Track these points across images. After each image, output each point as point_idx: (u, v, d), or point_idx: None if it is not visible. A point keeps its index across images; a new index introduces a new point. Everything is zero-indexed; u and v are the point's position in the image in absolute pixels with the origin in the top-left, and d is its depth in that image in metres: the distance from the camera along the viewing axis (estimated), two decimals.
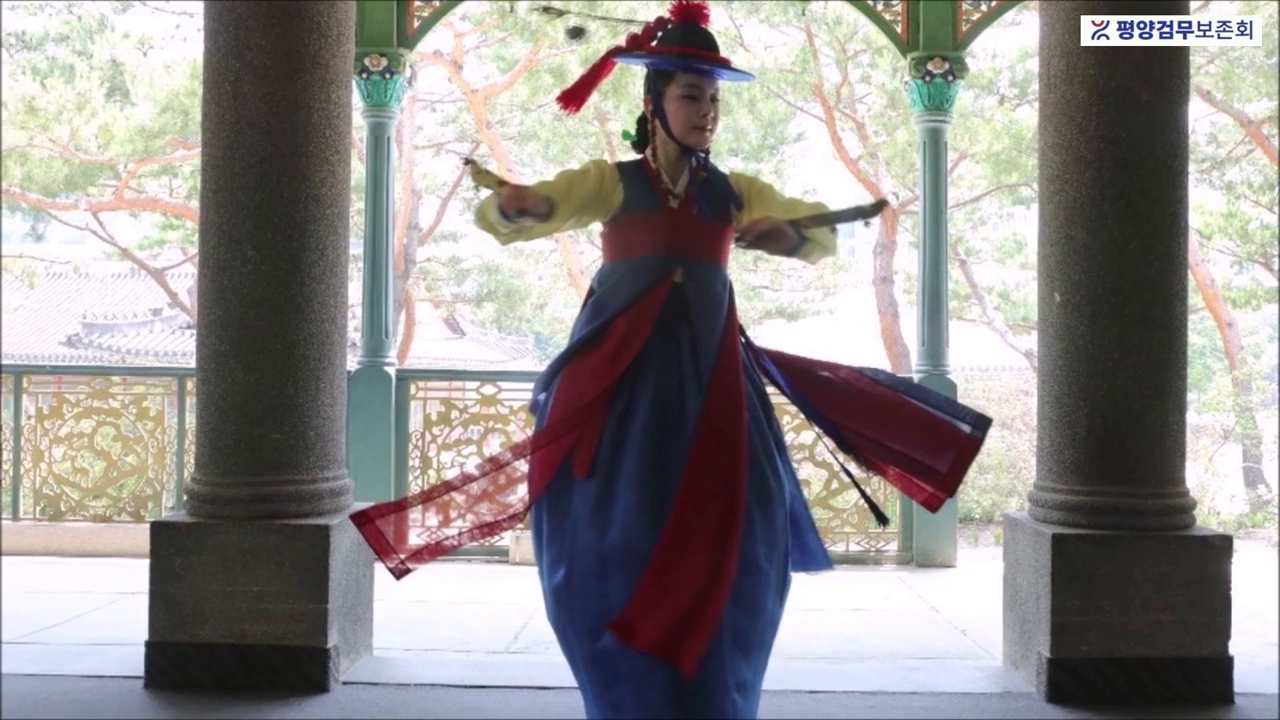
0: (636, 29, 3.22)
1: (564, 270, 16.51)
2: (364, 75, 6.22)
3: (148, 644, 3.69)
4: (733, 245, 3.15)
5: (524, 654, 4.35)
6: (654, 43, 3.13)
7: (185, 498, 3.85)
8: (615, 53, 3.20)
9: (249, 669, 3.64)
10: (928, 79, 6.10)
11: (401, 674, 3.89)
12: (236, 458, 3.72)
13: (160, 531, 3.71)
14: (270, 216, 3.71)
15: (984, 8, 6.20)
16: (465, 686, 3.76)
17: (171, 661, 3.66)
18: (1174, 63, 3.78)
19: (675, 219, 3.05)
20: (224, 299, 3.73)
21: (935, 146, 6.27)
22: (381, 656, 4.08)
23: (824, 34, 12.87)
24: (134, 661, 3.73)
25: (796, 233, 3.03)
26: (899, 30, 6.23)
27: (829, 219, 3.08)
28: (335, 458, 3.88)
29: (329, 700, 3.58)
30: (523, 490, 3.09)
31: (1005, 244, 16.77)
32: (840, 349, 17.35)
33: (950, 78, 6.13)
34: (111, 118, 12.90)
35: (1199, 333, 24.60)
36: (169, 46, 14.97)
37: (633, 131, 3.19)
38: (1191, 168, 14.96)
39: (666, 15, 3.16)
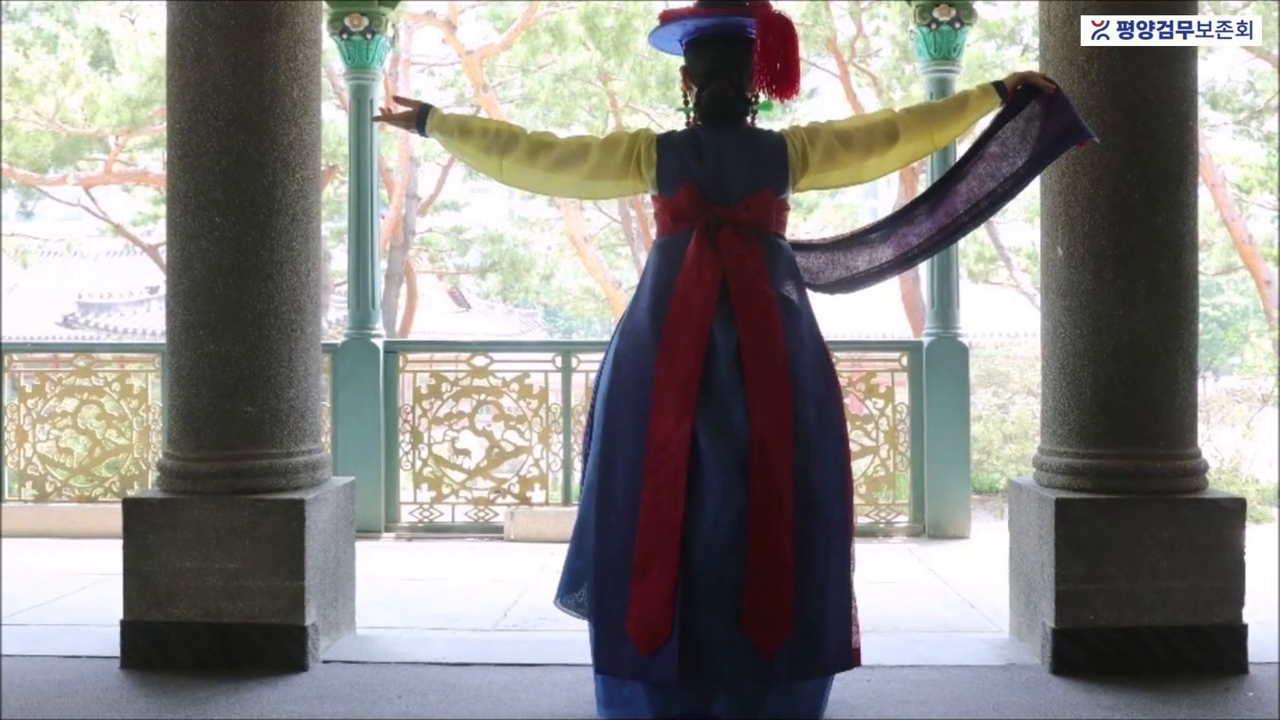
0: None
1: (569, 239, 16.47)
2: (344, 36, 6.22)
3: (123, 623, 3.75)
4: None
5: (512, 631, 4.38)
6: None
7: (158, 474, 3.89)
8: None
9: (226, 647, 3.68)
10: (933, 26, 6.05)
11: (383, 652, 3.93)
12: (208, 432, 3.76)
13: (133, 508, 3.76)
14: (237, 182, 3.72)
15: None
16: (448, 664, 3.79)
17: (147, 640, 3.71)
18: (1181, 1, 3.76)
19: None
20: (192, 268, 3.76)
21: (943, 97, 6.22)
22: (364, 635, 4.12)
23: None
24: (112, 641, 3.79)
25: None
26: None
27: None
28: (310, 430, 3.91)
29: (307, 679, 3.62)
30: None
31: (1033, 202, 16.62)
32: (860, 313, 17.32)
33: (958, 24, 6.07)
34: (97, 88, 12.94)
35: (1241, 293, 24.44)
36: (154, 13, 14.95)
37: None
38: (1228, 118, 14.89)
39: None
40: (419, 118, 3.25)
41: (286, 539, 3.68)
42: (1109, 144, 3.67)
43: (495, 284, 19.54)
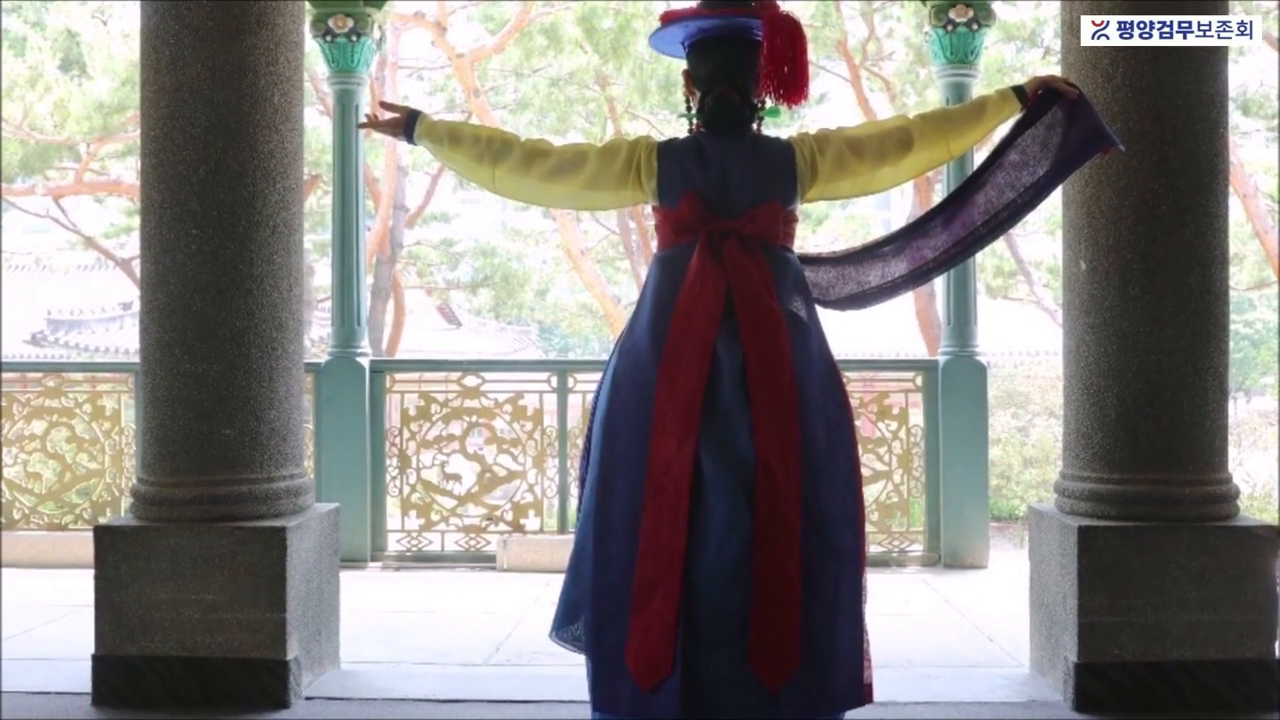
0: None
1: (565, 252, 16.51)
2: (328, 38, 6.25)
3: (95, 657, 3.75)
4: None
5: (505, 666, 4.38)
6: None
7: (131, 500, 3.89)
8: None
9: (203, 683, 3.68)
10: (950, 28, 6.08)
11: (369, 687, 3.93)
12: (184, 456, 3.76)
13: (104, 536, 3.76)
14: (215, 192, 3.74)
15: None
16: (438, 701, 3.80)
17: (120, 676, 3.72)
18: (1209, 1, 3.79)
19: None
20: (167, 283, 3.77)
21: (960, 103, 6.24)
22: (349, 669, 4.13)
23: None
24: (82, 677, 3.79)
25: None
26: None
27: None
28: (292, 454, 3.91)
29: (289, 717, 3.63)
30: None
31: (1054, 213, 16.68)
32: (872, 330, 17.35)
33: (975, 26, 6.10)
34: (67, 93, 12.99)
35: (1274, 309, 24.43)
36: (127, 14, 15.02)
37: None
38: (1260, 125, 14.92)
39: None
40: (407, 124, 3.27)
41: (267, 569, 3.69)
42: (1135, 152, 3.69)
43: (487, 300, 19.58)
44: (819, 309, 3.24)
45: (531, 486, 6.47)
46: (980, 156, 3.67)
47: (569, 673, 3.60)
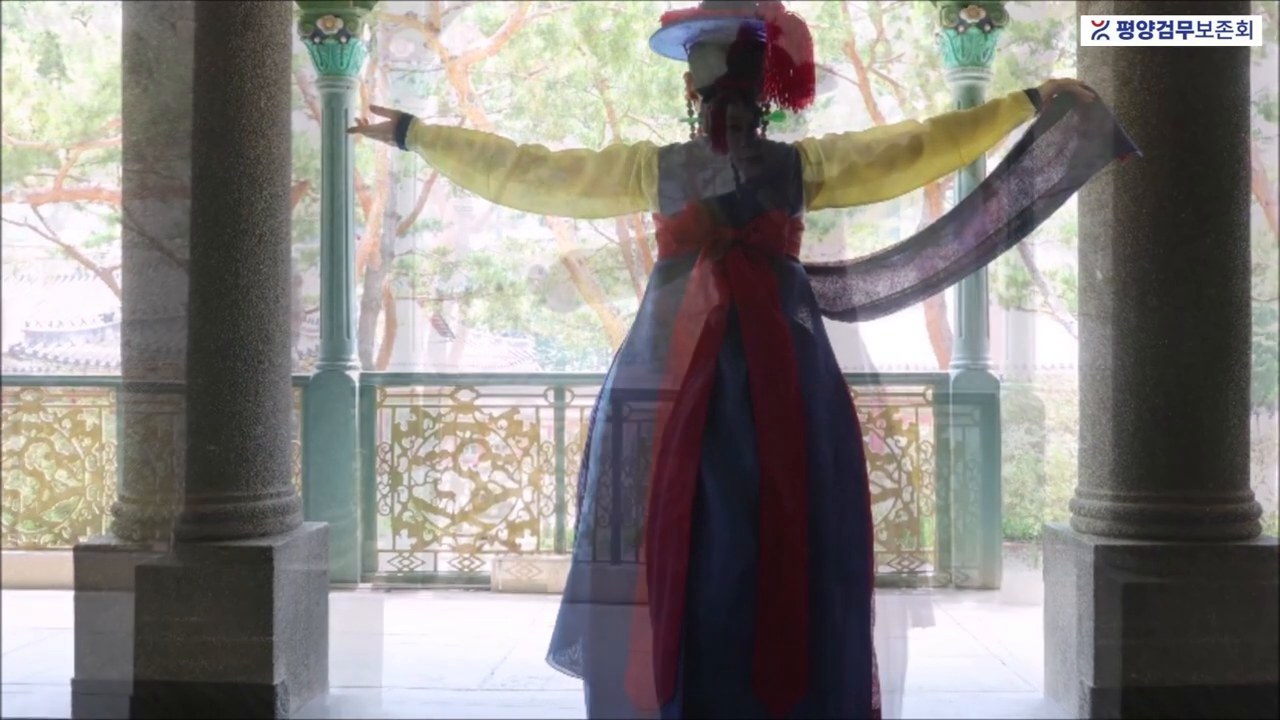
0: None
1: (562, 261, 16.49)
2: (316, 40, 6.27)
3: (74, 682, 3.76)
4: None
5: (500, 691, 4.38)
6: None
7: (113, 519, 3.90)
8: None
9: (187, 708, 3.69)
10: (961, 29, 6.10)
11: (359, 712, 3.96)
12: (168, 473, 3.77)
13: (85, 557, 3.78)
14: (200, 199, 3.75)
15: None
16: None
17: (101, 701, 3.72)
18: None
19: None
20: (150, 294, 3.78)
21: (971, 107, 6.26)
22: (338, 694, 4.13)
23: None
24: (62, 702, 3.79)
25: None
26: None
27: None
28: (279, 471, 3.92)
29: None
30: None
31: (1070, 221, 16.66)
32: (881, 342, 17.34)
33: (987, 27, 6.12)
34: (46, 96, 13.00)
35: None
36: (108, 14, 15.06)
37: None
38: None
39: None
40: (398, 129, 3.28)
41: (253, 590, 3.69)
42: (1153, 158, 3.70)
43: (481, 311, 19.55)
44: (825, 320, 3.24)
45: (527, 504, 6.46)
46: (993, 162, 3.68)
47: (567, 698, 3.60)
